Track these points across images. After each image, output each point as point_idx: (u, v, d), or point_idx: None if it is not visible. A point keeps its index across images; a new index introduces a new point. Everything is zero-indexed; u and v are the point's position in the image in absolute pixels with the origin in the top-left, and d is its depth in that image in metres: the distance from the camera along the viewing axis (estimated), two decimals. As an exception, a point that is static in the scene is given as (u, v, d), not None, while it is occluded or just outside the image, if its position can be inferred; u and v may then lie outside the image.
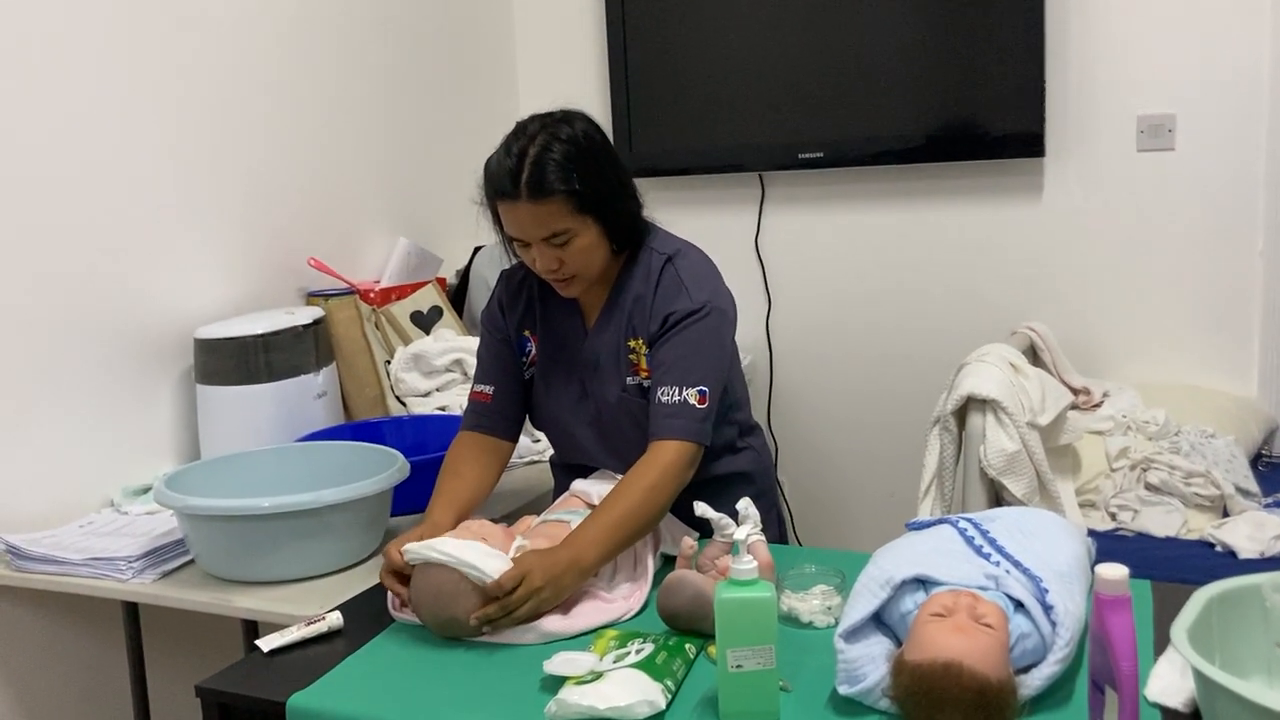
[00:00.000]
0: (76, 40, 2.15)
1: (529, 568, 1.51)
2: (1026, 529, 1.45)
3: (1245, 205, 2.89)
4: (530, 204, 1.63)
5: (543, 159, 1.63)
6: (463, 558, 1.49)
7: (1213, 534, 2.26)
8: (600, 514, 1.62)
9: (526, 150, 1.64)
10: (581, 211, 1.66)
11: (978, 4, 2.98)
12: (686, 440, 1.67)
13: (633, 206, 1.77)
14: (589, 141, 1.68)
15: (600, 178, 1.68)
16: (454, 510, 1.72)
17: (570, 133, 1.66)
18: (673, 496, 1.66)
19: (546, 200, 1.63)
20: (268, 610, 1.75)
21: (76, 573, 1.92)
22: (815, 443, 3.43)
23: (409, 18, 3.10)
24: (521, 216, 1.66)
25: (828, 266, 3.33)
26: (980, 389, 2.27)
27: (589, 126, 1.71)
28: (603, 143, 1.72)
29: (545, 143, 1.64)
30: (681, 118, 3.34)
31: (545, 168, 1.62)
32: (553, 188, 1.63)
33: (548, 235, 1.66)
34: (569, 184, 1.63)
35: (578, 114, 1.72)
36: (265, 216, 2.60)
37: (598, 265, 1.73)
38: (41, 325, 2.10)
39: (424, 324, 2.84)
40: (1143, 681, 1.22)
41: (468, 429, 1.86)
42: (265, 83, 2.60)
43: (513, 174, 1.63)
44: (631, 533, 1.62)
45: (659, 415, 1.68)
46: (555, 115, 1.70)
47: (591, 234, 1.69)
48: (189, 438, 2.38)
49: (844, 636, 1.29)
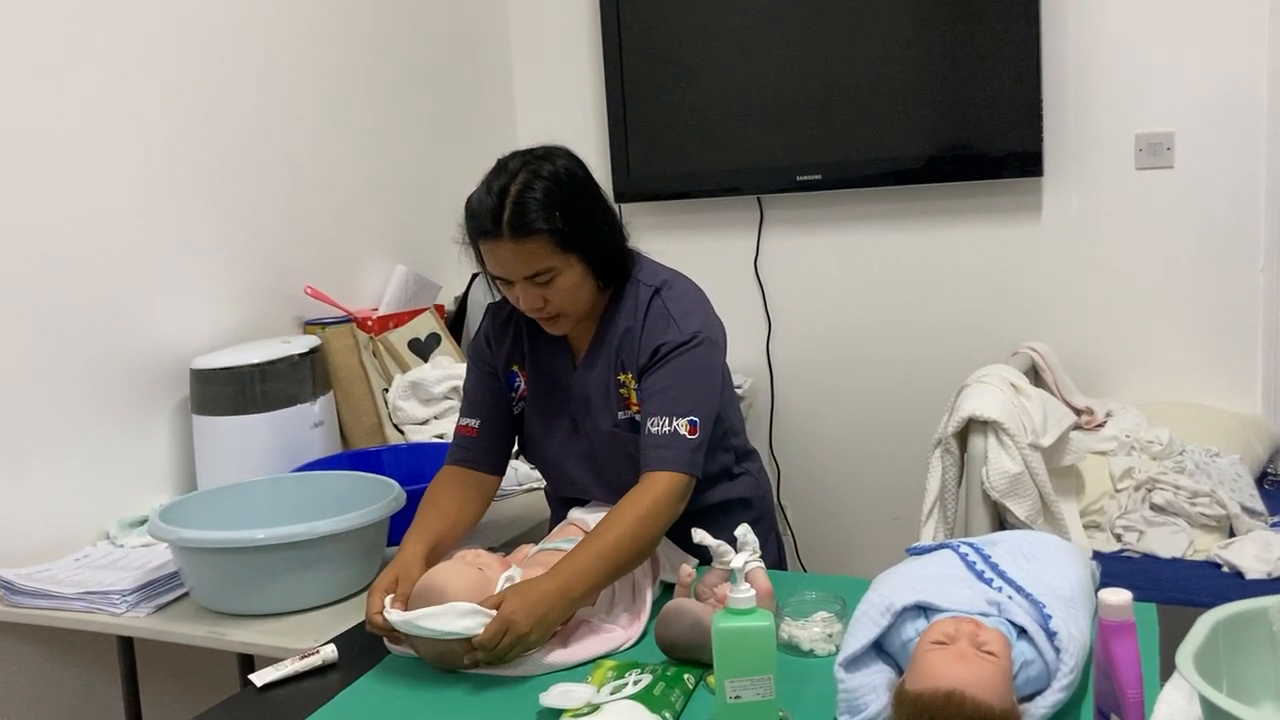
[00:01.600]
0: (73, 71, 2.16)
1: (511, 615, 1.47)
2: (1029, 553, 1.43)
3: (1246, 222, 2.88)
4: (512, 243, 1.61)
5: (524, 197, 1.61)
6: (442, 629, 1.46)
7: (1219, 554, 2.24)
8: (590, 544, 1.59)
9: (508, 188, 1.62)
10: (565, 250, 1.64)
11: (974, 24, 2.99)
12: (678, 471, 1.64)
13: (617, 242, 1.74)
14: (571, 178, 1.66)
15: (583, 215, 1.66)
16: (427, 543, 1.69)
17: (552, 170, 1.64)
18: (664, 528, 1.64)
19: (529, 239, 1.61)
20: (262, 643, 1.74)
21: (70, 607, 1.90)
22: (817, 466, 3.41)
23: (406, 46, 3.11)
24: (504, 255, 1.63)
25: (827, 288, 3.32)
26: (981, 410, 2.25)
27: (571, 163, 1.69)
28: (585, 179, 1.70)
29: (526, 180, 1.62)
30: (679, 142, 3.34)
31: (527, 206, 1.60)
32: (535, 226, 1.61)
33: (531, 274, 1.64)
34: (551, 222, 1.61)
35: (560, 150, 1.70)
36: (261, 245, 2.60)
37: (583, 303, 1.71)
38: (36, 356, 2.09)
39: (422, 351, 2.83)
40: (1149, 709, 1.20)
41: (452, 463, 1.84)
42: (261, 112, 2.60)
43: (494, 213, 1.61)
44: (621, 563, 1.60)
45: (649, 446, 1.66)
46: (537, 152, 1.68)
47: (575, 272, 1.67)
48: (185, 468, 2.37)
49: (844, 665, 1.27)
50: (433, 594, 1.53)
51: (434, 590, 1.53)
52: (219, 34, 2.49)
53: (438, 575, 1.57)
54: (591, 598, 1.60)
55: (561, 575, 1.54)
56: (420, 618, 1.47)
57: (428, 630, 1.46)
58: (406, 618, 1.48)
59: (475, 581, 1.55)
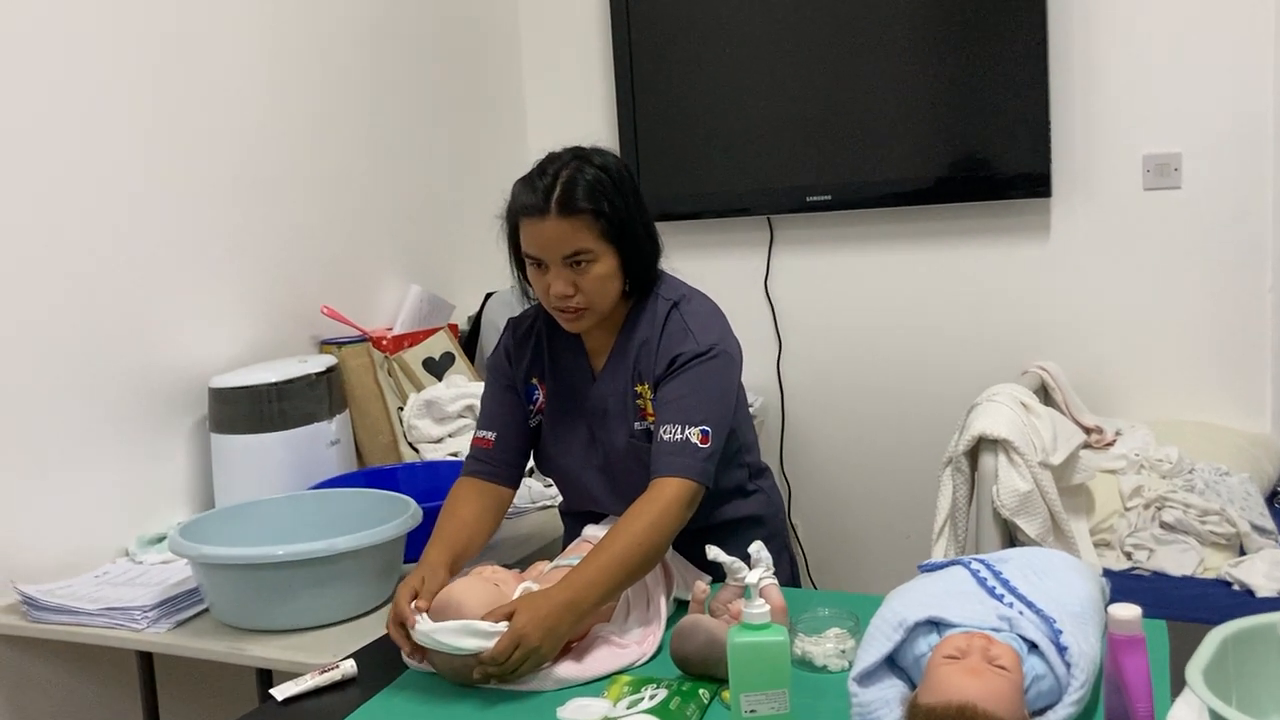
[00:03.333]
0: (94, 95, 2.19)
1: (522, 629, 1.49)
2: (1039, 569, 1.45)
3: (1253, 242, 2.90)
4: (558, 219, 1.66)
5: (575, 179, 1.67)
6: (455, 644, 1.48)
7: (1230, 572, 2.25)
8: (599, 553, 1.61)
9: (560, 171, 1.68)
10: (605, 237, 1.69)
11: (982, 47, 3.02)
12: (687, 479, 1.65)
13: (652, 249, 1.79)
14: (620, 172, 1.73)
15: (627, 209, 1.71)
16: (451, 552, 1.71)
17: (603, 161, 1.72)
18: (672, 535, 1.65)
19: (575, 217, 1.66)
20: (282, 659, 1.76)
21: (92, 623, 1.92)
22: (828, 484, 3.42)
23: (419, 68, 3.14)
24: (547, 231, 1.67)
25: (838, 308, 3.34)
26: (991, 429, 2.27)
27: (620, 163, 1.76)
28: (632, 180, 1.76)
29: (579, 166, 1.69)
30: (690, 163, 3.37)
31: (577, 186, 1.67)
32: (582, 205, 1.66)
33: (570, 253, 1.68)
34: (598, 204, 1.67)
35: (609, 151, 1.77)
36: (278, 266, 2.63)
37: (610, 298, 1.74)
38: (57, 375, 2.12)
39: (436, 370, 2.86)
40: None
41: (468, 474, 1.86)
42: (278, 135, 2.64)
43: (546, 191, 1.67)
44: (631, 572, 1.61)
45: (660, 453, 1.68)
46: (587, 148, 1.75)
47: (610, 263, 1.71)
48: (204, 486, 2.40)
49: (858, 680, 1.28)
50: (449, 609, 1.55)
51: (450, 606, 1.55)
52: (236, 58, 2.53)
53: (454, 591, 1.59)
54: (603, 608, 1.62)
55: (571, 587, 1.56)
56: (435, 631, 1.49)
57: (442, 645, 1.48)
58: (424, 630, 1.50)
59: (491, 597, 1.58)
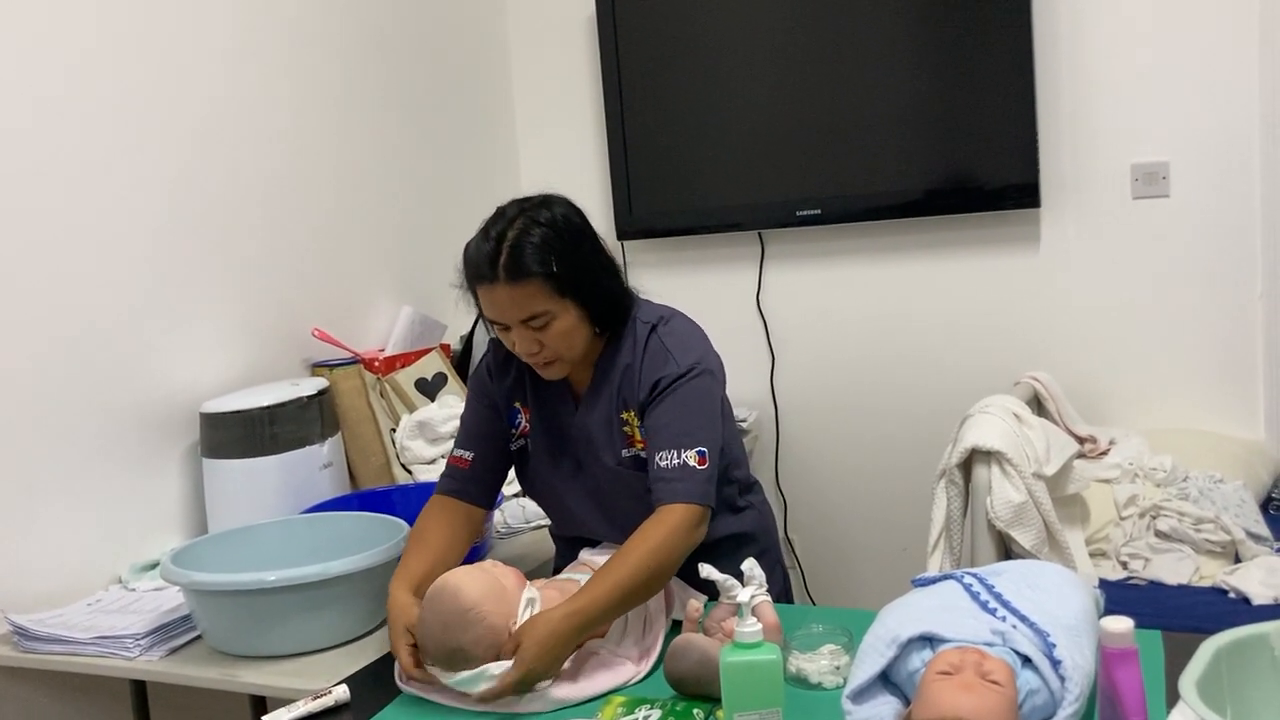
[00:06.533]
0: (81, 119, 2.19)
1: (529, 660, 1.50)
2: (1033, 583, 1.44)
3: (1242, 249, 2.90)
4: (508, 286, 1.64)
5: (520, 242, 1.63)
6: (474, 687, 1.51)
7: (1225, 580, 2.25)
8: (605, 576, 1.60)
9: (505, 234, 1.64)
10: (560, 294, 1.66)
11: (970, 59, 3.03)
12: (691, 503, 1.65)
13: (614, 288, 1.76)
14: (568, 225, 1.69)
15: (579, 261, 1.68)
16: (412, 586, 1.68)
17: (549, 216, 1.67)
18: (680, 559, 1.65)
19: (524, 283, 1.64)
20: (275, 685, 1.75)
21: (84, 652, 1.91)
22: (823, 499, 3.42)
23: (409, 87, 3.15)
24: (499, 299, 1.66)
25: (830, 322, 3.35)
26: (984, 441, 2.27)
27: (568, 210, 1.72)
28: (582, 226, 1.72)
29: (524, 226, 1.65)
30: (680, 179, 3.37)
31: (523, 250, 1.63)
32: (530, 270, 1.63)
33: (526, 318, 1.66)
34: (546, 266, 1.64)
35: (557, 198, 1.73)
36: (268, 288, 2.63)
37: (579, 347, 1.73)
38: (47, 402, 2.11)
39: (428, 391, 2.86)
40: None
41: (442, 492, 1.85)
42: (268, 157, 2.64)
43: (490, 257, 1.64)
44: (635, 596, 1.61)
45: (660, 480, 1.67)
46: (534, 200, 1.71)
47: (571, 317, 1.69)
48: (196, 512, 2.39)
49: (851, 697, 1.28)
50: (445, 596, 1.54)
51: (447, 593, 1.55)
52: (226, 80, 2.53)
53: (451, 578, 1.58)
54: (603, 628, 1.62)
55: (578, 612, 1.56)
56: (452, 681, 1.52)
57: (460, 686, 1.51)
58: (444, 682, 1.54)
59: (489, 585, 1.57)
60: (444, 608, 1.53)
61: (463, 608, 1.51)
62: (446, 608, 1.53)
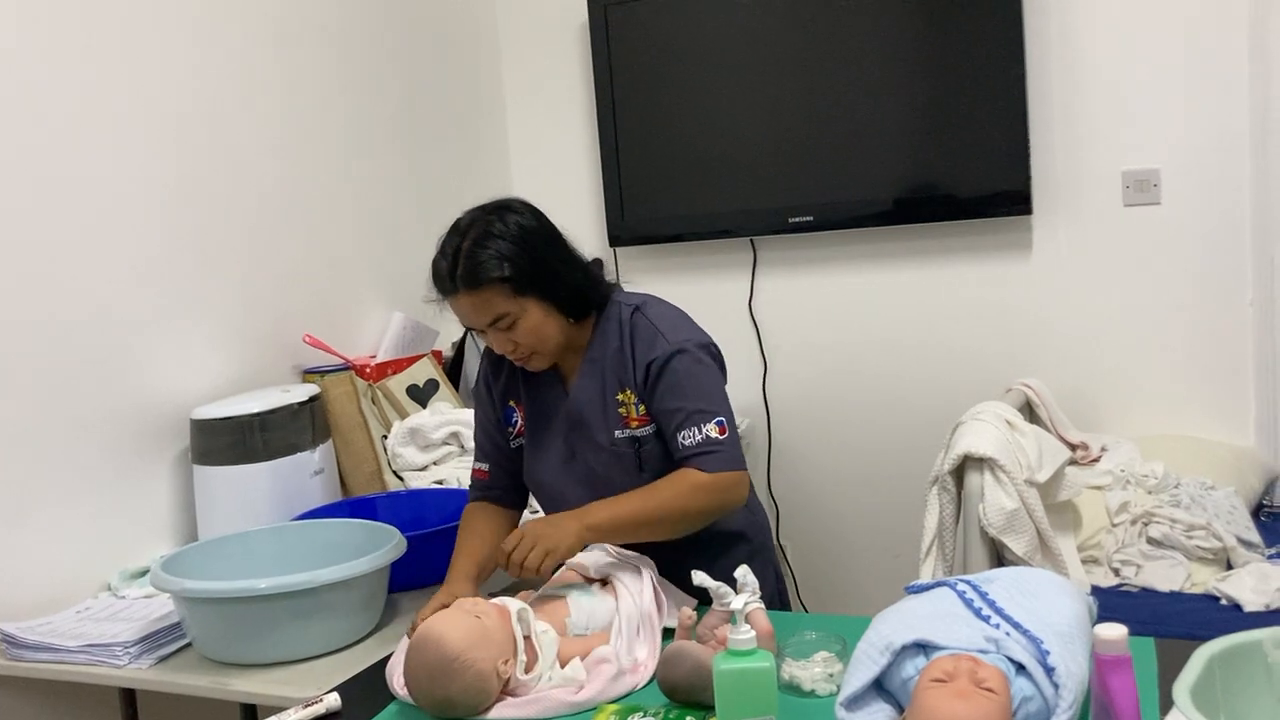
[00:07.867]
0: (72, 127, 2.19)
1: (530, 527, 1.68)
2: (1026, 589, 1.44)
3: (1233, 256, 2.91)
4: (467, 295, 1.73)
5: (474, 251, 1.72)
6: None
7: (1217, 587, 2.25)
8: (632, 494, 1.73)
9: (460, 246, 1.73)
10: (519, 294, 1.73)
11: (962, 66, 3.03)
12: (727, 470, 1.74)
13: (577, 277, 1.82)
14: (520, 229, 1.75)
15: (535, 260, 1.74)
16: (474, 562, 1.80)
17: (502, 226, 1.75)
18: (708, 511, 1.75)
19: (480, 290, 1.72)
20: (266, 693, 1.74)
21: (73, 660, 1.90)
22: (816, 505, 3.41)
23: (401, 96, 3.15)
24: (463, 307, 1.75)
25: (822, 328, 3.35)
26: (976, 447, 2.27)
27: (523, 215, 1.78)
28: (537, 227, 1.78)
29: (476, 237, 1.73)
30: (672, 186, 3.37)
31: (475, 259, 1.71)
32: (484, 277, 1.71)
33: (491, 321, 1.75)
34: (500, 270, 1.71)
35: (514, 203, 1.80)
36: (259, 295, 2.62)
37: (552, 340, 1.80)
38: (36, 409, 2.10)
39: (420, 398, 2.85)
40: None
41: (475, 500, 1.95)
42: (258, 163, 2.64)
43: (448, 272, 1.73)
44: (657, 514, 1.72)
45: (690, 457, 1.74)
46: (489, 207, 1.79)
47: (536, 313, 1.76)
48: (187, 519, 2.38)
49: (845, 705, 1.28)
50: (429, 646, 1.51)
51: (430, 643, 1.51)
52: (217, 88, 2.53)
53: (435, 625, 1.55)
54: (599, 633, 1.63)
55: (589, 511, 1.72)
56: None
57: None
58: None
59: (472, 630, 1.54)
60: (428, 658, 1.50)
61: (448, 657, 1.49)
62: (431, 658, 1.50)
